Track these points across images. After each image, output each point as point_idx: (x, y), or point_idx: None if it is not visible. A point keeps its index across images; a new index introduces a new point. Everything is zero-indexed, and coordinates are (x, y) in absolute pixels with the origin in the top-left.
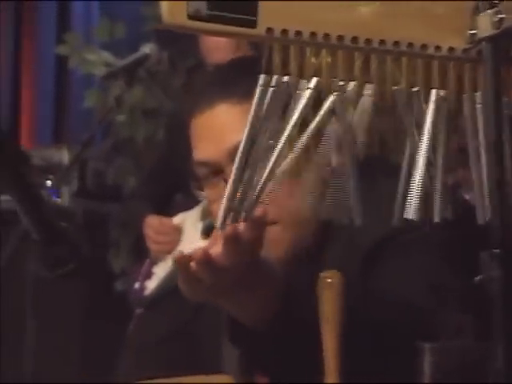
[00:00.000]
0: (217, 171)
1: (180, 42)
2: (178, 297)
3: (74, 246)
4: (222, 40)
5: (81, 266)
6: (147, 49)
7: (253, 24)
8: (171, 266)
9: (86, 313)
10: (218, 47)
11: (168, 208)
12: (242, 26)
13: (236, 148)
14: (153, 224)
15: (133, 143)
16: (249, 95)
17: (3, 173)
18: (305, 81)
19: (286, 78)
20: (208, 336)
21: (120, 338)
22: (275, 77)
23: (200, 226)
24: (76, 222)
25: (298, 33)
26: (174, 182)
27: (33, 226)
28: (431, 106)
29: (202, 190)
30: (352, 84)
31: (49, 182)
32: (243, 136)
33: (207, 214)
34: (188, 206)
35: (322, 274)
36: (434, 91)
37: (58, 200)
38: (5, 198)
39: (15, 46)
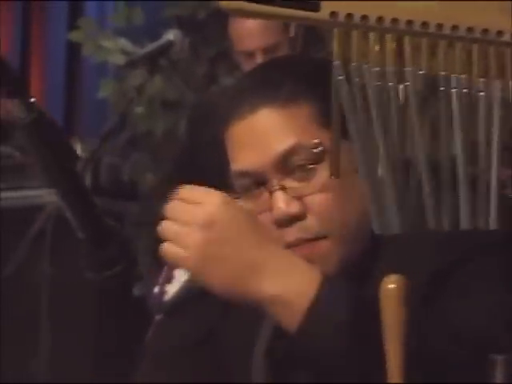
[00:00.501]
0: (259, 182)
1: (203, 29)
2: (202, 302)
3: (124, 245)
4: (255, 26)
5: (129, 267)
6: (171, 35)
7: (316, 7)
8: None
9: (102, 319)
10: (251, 34)
11: None
12: (304, 9)
13: (282, 156)
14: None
15: (151, 137)
16: (294, 98)
17: (51, 166)
18: (377, 68)
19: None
20: (235, 345)
21: (137, 346)
22: (353, 64)
23: None
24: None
25: (364, 17)
26: (197, 180)
27: (80, 223)
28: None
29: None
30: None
31: None
32: (291, 142)
33: None
34: None
35: (384, 280)
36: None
37: None
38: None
39: (23, 33)
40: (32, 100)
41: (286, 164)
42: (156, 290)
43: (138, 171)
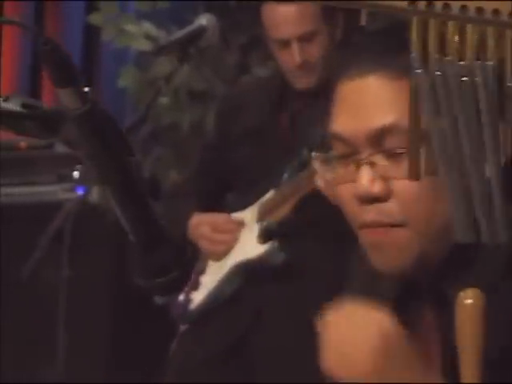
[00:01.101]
0: (351, 151)
1: (234, 13)
2: (231, 310)
3: (180, 250)
4: (290, 13)
5: (184, 274)
6: (203, 20)
7: None
8: (222, 273)
9: (122, 329)
10: (286, 21)
11: (218, 208)
12: None
13: (379, 131)
14: (210, 221)
15: (176, 130)
16: (408, 71)
17: (104, 161)
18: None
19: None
20: (265, 357)
21: (161, 358)
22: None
23: (256, 228)
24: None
25: (447, 5)
26: (226, 177)
27: (133, 225)
28: None
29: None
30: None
31: (76, 174)
32: (392, 119)
33: (264, 215)
34: (238, 206)
35: (461, 294)
36: None
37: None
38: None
39: (36, 12)
40: (86, 89)
41: (380, 140)
42: (181, 297)
43: (160, 168)
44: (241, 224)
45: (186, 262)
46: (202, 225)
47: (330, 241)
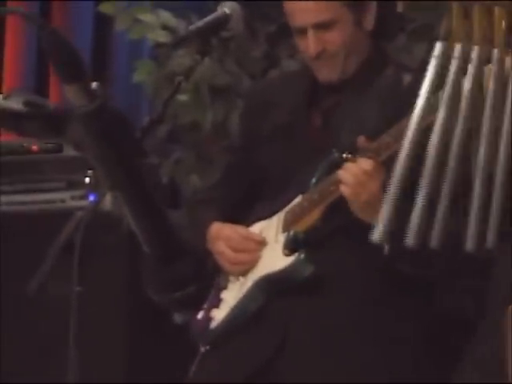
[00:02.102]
0: None
1: (261, 1)
2: (256, 331)
3: (199, 262)
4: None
5: (204, 289)
6: (227, 8)
7: None
8: (246, 289)
9: (137, 349)
10: (302, 8)
11: (244, 218)
12: None
13: None
14: (230, 236)
15: (197, 130)
16: None
17: (114, 165)
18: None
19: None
20: (294, 381)
21: (179, 381)
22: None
23: (282, 239)
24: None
25: None
26: (253, 182)
27: (147, 235)
28: None
29: None
30: None
31: (87, 179)
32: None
33: (291, 224)
34: (263, 213)
35: None
36: None
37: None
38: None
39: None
40: (94, 85)
41: None
42: (200, 315)
43: (180, 172)
44: (262, 243)
45: (206, 275)
46: (220, 239)
47: (362, 251)
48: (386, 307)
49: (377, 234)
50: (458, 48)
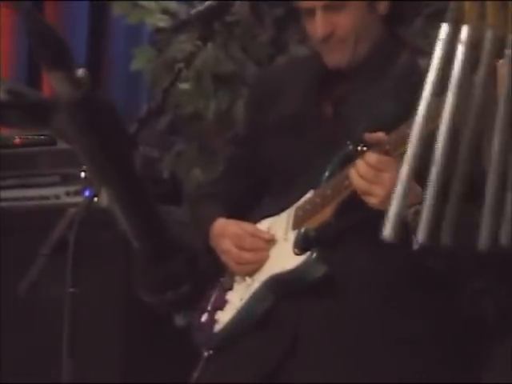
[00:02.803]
0: None
1: None
2: (263, 333)
3: (191, 260)
4: None
5: (199, 288)
6: None
7: None
8: (253, 289)
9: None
10: None
11: (250, 215)
12: None
13: None
14: (236, 234)
15: (199, 121)
16: None
17: (101, 158)
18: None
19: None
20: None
21: None
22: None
23: (292, 236)
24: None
25: None
26: (260, 177)
27: (137, 231)
28: None
29: None
30: None
31: (82, 174)
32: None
33: (302, 221)
34: (272, 210)
35: None
36: None
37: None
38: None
39: None
40: (80, 73)
41: None
42: (203, 318)
43: (181, 166)
44: (271, 241)
45: (200, 274)
46: (225, 237)
47: (378, 250)
48: (403, 309)
49: (387, 232)
50: (467, 30)
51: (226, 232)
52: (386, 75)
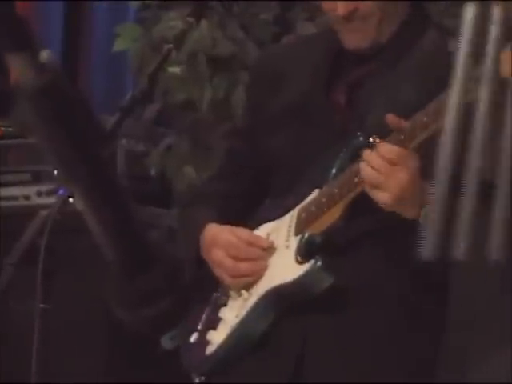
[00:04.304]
0: None
1: None
2: (264, 355)
3: (172, 272)
4: None
5: (180, 304)
6: None
7: None
8: (250, 305)
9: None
10: None
11: (248, 219)
12: None
13: None
14: (229, 242)
15: (192, 110)
16: None
17: (68, 153)
18: None
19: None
20: None
21: None
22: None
23: (295, 243)
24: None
25: None
26: (262, 173)
27: (109, 239)
28: None
29: None
30: None
31: (56, 172)
32: None
33: (305, 224)
34: (272, 211)
35: None
36: None
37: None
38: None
39: None
40: (45, 56)
41: None
42: (193, 338)
43: (171, 162)
44: (270, 249)
45: (182, 286)
46: (218, 246)
47: (391, 257)
48: (417, 323)
49: (427, 251)
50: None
51: (219, 240)
52: (409, 56)
